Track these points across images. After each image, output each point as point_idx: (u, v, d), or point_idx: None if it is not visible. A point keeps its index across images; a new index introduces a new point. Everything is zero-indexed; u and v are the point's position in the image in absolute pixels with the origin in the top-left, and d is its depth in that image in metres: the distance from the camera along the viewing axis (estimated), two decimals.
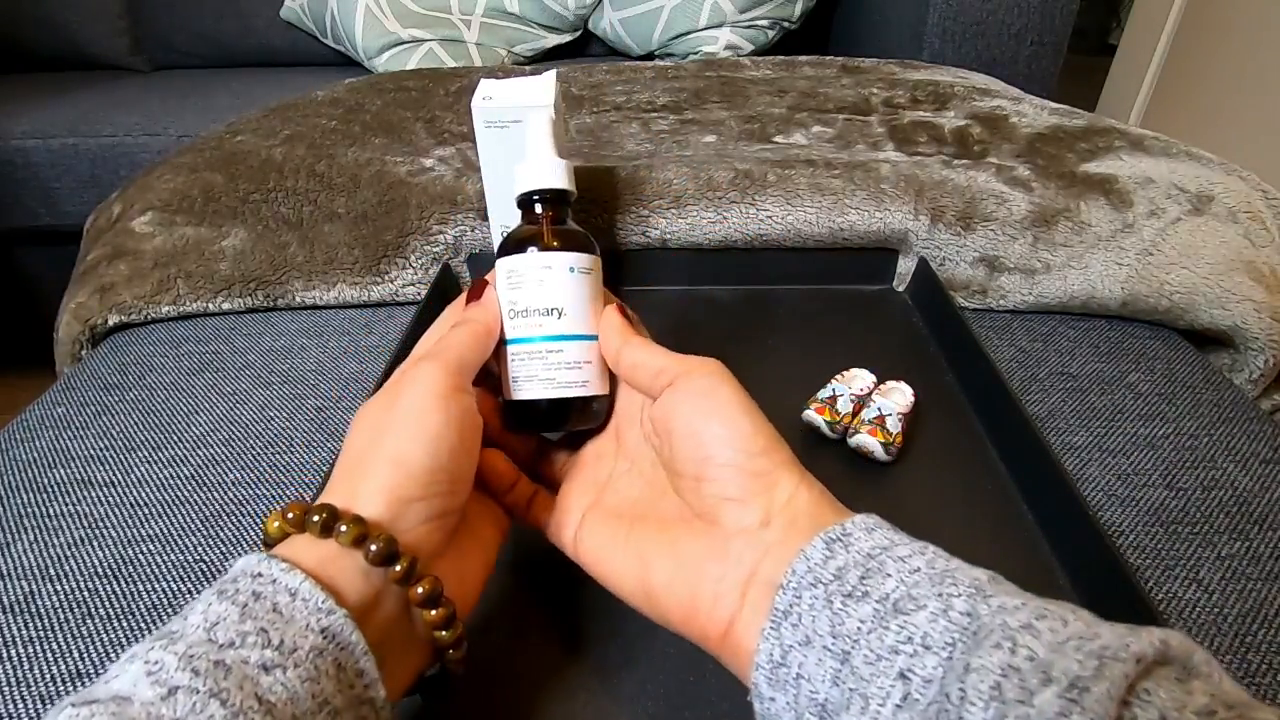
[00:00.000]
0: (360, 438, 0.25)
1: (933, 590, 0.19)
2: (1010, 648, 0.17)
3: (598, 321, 0.29)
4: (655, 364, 0.27)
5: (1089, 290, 0.50)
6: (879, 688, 0.18)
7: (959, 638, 0.18)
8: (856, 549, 0.21)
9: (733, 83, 0.81)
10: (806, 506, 0.23)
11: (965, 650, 0.18)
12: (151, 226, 0.56)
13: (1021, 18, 1.01)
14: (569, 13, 1.29)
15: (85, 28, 1.34)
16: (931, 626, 0.18)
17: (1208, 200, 0.51)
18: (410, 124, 0.69)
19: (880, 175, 0.54)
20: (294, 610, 0.20)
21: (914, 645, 0.18)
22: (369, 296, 0.55)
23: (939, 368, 0.47)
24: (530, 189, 0.30)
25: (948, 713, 0.17)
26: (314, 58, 1.39)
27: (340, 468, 0.25)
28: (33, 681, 0.30)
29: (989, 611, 0.18)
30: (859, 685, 0.19)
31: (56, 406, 0.46)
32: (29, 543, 0.36)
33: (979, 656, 0.17)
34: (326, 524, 0.22)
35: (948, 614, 0.18)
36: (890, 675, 0.18)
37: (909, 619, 0.19)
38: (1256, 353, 0.49)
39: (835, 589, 0.20)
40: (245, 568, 0.21)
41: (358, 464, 0.24)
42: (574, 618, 0.31)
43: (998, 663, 0.17)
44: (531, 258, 0.28)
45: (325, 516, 0.22)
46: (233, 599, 0.19)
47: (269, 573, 0.20)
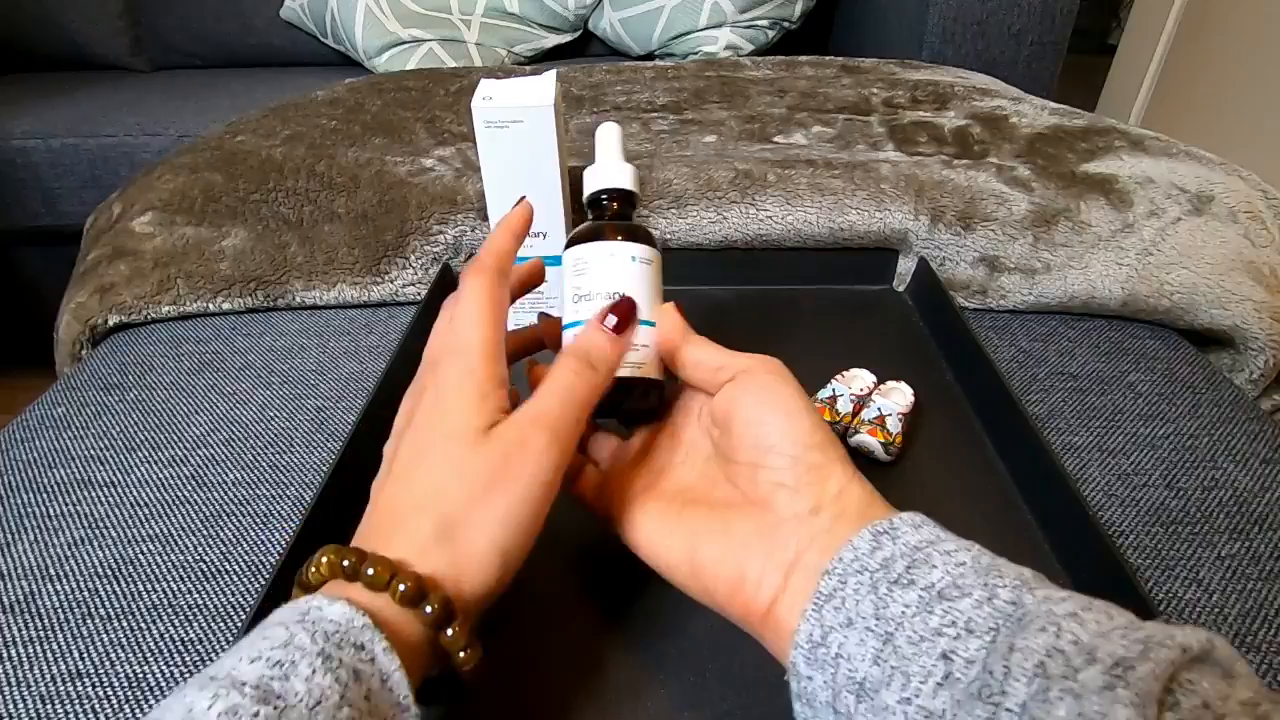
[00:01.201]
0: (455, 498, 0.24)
1: (978, 580, 0.20)
2: (1055, 632, 0.17)
3: (655, 312, 0.30)
4: (716, 360, 0.28)
5: (1089, 290, 0.50)
6: (920, 666, 0.19)
7: (1003, 623, 0.18)
8: (903, 541, 0.22)
9: (733, 83, 0.81)
10: (856, 501, 0.24)
11: (1009, 634, 0.18)
12: (151, 226, 0.56)
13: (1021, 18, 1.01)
14: (569, 13, 1.29)
15: (85, 28, 1.34)
16: (976, 612, 0.19)
17: (1208, 200, 0.51)
18: (410, 124, 0.69)
19: (880, 175, 0.54)
20: (380, 698, 0.20)
21: (957, 629, 0.19)
22: (369, 296, 0.55)
23: (939, 368, 0.47)
24: (598, 189, 0.33)
25: (989, 687, 0.17)
26: (314, 58, 1.39)
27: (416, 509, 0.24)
28: (33, 681, 0.30)
29: (1034, 601, 0.18)
30: (900, 664, 0.19)
31: (56, 406, 0.46)
32: (29, 543, 0.36)
33: (1024, 638, 0.17)
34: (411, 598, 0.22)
35: (992, 601, 0.19)
36: (933, 655, 0.19)
37: (953, 604, 0.19)
38: (1256, 353, 0.49)
39: (881, 576, 0.21)
40: (349, 633, 0.20)
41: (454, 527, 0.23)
42: (573, 619, 0.31)
43: (1042, 644, 0.17)
44: (597, 246, 0.31)
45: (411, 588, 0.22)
46: (335, 675, 0.19)
47: (371, 647, 0.20)
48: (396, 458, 0.26)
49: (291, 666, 0.19)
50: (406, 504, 0.24)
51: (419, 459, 0.25)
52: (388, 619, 0.21)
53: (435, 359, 0.28)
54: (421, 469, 0.25)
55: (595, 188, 0.33)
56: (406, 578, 0.22)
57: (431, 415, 0.26)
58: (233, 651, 0.20)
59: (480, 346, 0.26)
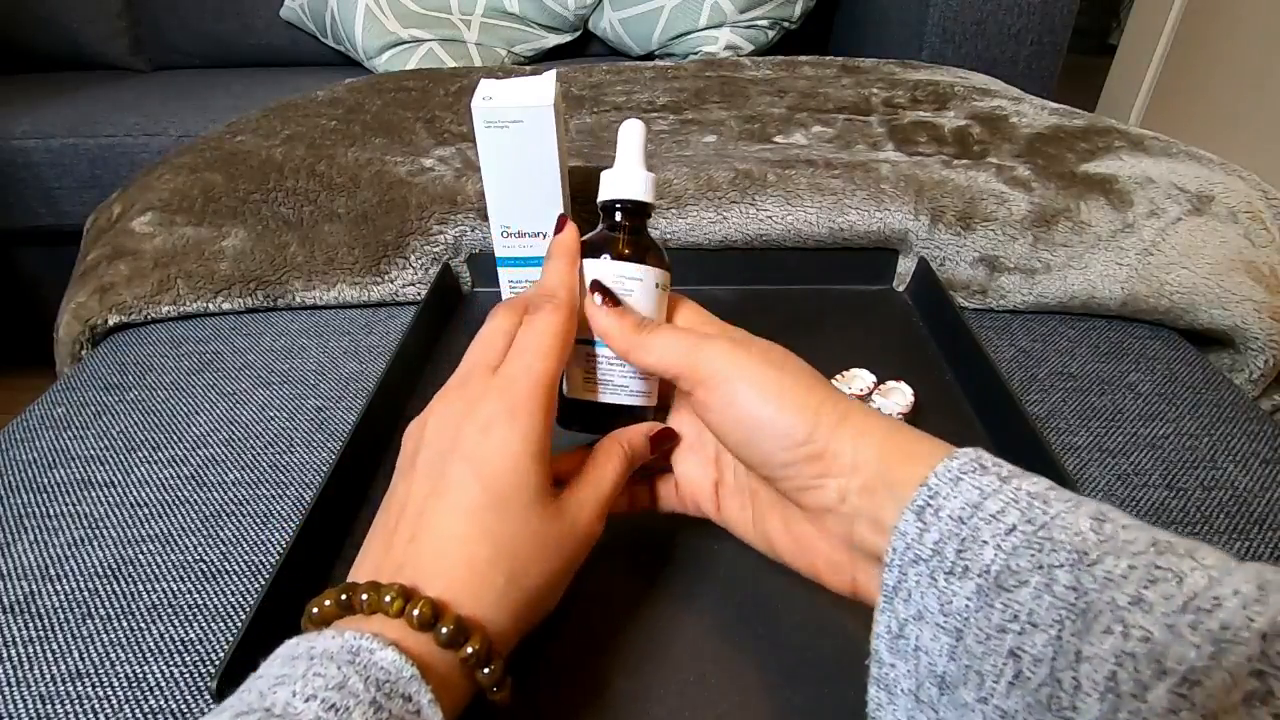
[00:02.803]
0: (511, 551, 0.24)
1: (1032, 563, 0.19)
2: (1122, 631, 0.16)
3: None
4: (667, 372, 0.27)
5: (1089, 290, 0.50)
6: (992, 665, 0.18)
7: (1066, 615, 0.18)
8: (947, 514, 0.20)
9: (733, 83, 0.81)
10: (872, 466, 0.23)
11: (1075, 632, 0.17)
12: (151, 226, 0.56)
13: (1021, 18, 1.01)
14: (569, 13, 1.29)
15: (85, 28, 1.34)
16: (1036, 604, 0.18)
17: (1208, 200, 0.51)
18: (410, 124, 0.69)
19: (880, 175, 0.54)
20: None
21: (1020, 623, 0.18)
22: (369, 296, 0.55)
23: (939, 368, 0.47)
24: (615, 198, 0.31)
25: (1059, 700, 0.17)
26: (314, 58, 1.39)
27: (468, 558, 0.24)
28: (33, 681, 0.30)
29: (1096, 587, 0.17)
30: (973, 663, 0.19)
31: (56, 406, 0.46)
32: (29, 543, 0.36)
33: (1090, 644, 0.17)
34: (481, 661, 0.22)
35: (1051, 589, 0.18)
36: (1001, 654, 0.18)
37: (1013, 596, 0.18)
38: (1256, 353, 0.49)
39: (936, 565, 0.20)
40: (399, 684, 0.20)
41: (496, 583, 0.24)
42: (572, 620, 0.31)
43: (1110, 649, 0.16)
44: (632, 269, 0.30)
45: (453, 631, 0.22)
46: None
47: (418, 699, 0.20)
48: (449, 484, 0.24)
49: (346, 713, 0.19)
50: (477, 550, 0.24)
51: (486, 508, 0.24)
52: (435, 669, 0.21)
53: (483, 372, 0.27)
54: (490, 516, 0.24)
55: (612, 196, 0.31)
56: (477, 641, 0.22)
57: (488, 460, 0.25)
58: (283, 681, 0.19)
59: (539, 383, 0.26)
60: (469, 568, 0.23)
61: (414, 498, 0.25)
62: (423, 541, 0.24)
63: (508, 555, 0.24)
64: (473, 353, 0.28)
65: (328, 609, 0.23)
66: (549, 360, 0.26)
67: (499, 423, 0.25)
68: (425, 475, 0.25)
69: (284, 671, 0.20)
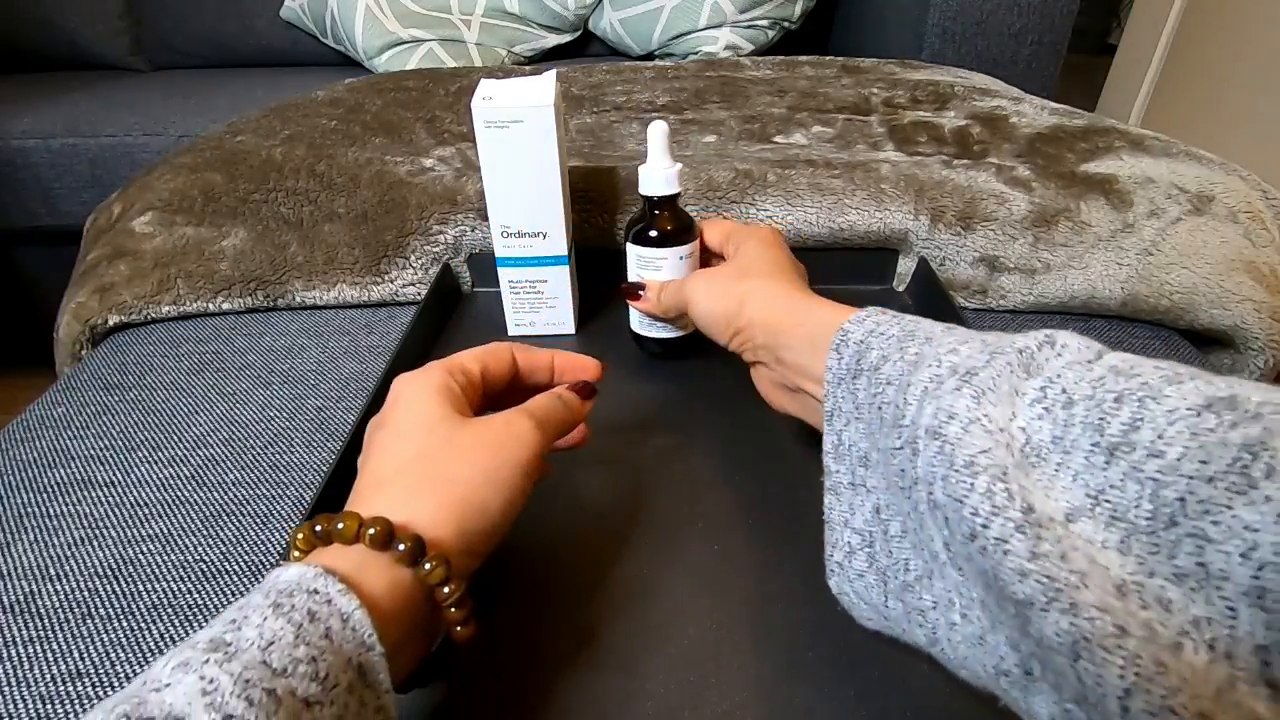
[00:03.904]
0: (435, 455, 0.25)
1: (897, 348, 0.26)
2: (935, 365, 0.23)
3: None
4: (674, 311, 0.43)
5: (1089, 290, 0.50)
6: (873, 423, 0.25)
7: (907, 369, 0.24)
8: (853, 340, 0.27)
9: (733, 83, 0.81)
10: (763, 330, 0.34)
11: (909, 378, 0.24)
12: (151, 226, 0.56)
13: (1021, 18, 1.01)
14: (569, 13, 1.29)
15: (85, 28, 1.34)
16: (892, 370, 0.25)
17: (1208, 200, 0.51)
18: (410, 124, 0.69)
19: (880, 175, 0.54)
20: (342, 639, 0.20)
21: (881, 385, 0.25)
22: (369, 296, 0.55)
23: None
24: (656, 194, 0.42)
25: (900, 422, 0.23)
26: (314, 58, 1.39)
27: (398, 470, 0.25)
28: (33, 681, 0.30)
29: (930, 350, 0.24)
30: (870, 431, 0.26)
31: (56, 406, 0.46)
32: (29, 543, 0.36)
33: (916, 379, 0.23)
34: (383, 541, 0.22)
35: (903, 357, 0.25)
36: (874, 413, 0.25)
37: (880, 371, 0.25)
38: (1256, 353, 0.49)
39: (848, 378, 0.27)
40: (302, 582, 0.21)
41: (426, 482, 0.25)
42: (573, 618, 0.31)
43: (927, 375, 0.23)
44: (657, 251, 0.43)
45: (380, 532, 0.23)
46: (288, 617, 0.19)
47: (326, 590, 0.20)
48: (367, 449, 0.27)
49: (244, 619, 0.19)
50: (385, 471, 0.25)
51: (393, 438, 0.26)
52: (349, 569, 0.22)
53: None
54: (398, 442, 0.26)
55: (642, 192, 0.42)
56: (375, 523, 0.22)
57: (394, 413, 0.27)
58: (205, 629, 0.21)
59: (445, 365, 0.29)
60: (376, 484, 0.25)
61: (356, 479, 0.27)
62: (354, 494, 0.26)
63: (414, 458, 0.25)
64: None
65: None
66: (465, 355, 0.30)
67: (400, 389, 0.28)
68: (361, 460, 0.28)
69: None
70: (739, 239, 0.41)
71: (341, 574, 0.21)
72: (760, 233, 0.40)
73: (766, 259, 0.38)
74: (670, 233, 0.43)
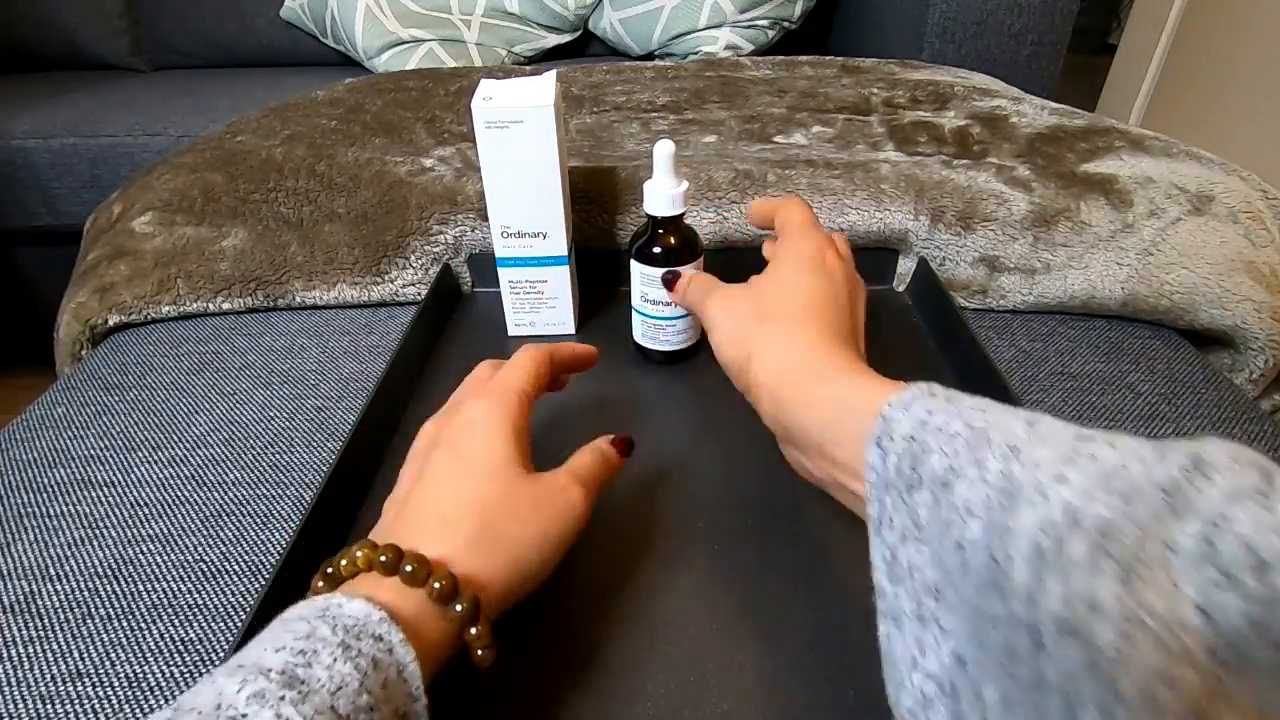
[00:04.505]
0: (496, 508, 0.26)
1: (970, 459, 0.19)
2: (1043, 503, 0.17)
3: None
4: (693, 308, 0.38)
5: (1089, 290, 0.50)
6: (951, 561, 0.19)
7: (996, 498, 0.18)
8: (900, 435, 0.22)
9: (733, 83, 0.81)
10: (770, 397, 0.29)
11: (1003, 511, 0.18)
12: (151, 226, 0.56)
13: (1021, 18, 1.01)
14: (569, 13, 1.29)
15: (85, 28, 1.34)
16: (971, 493, 0.19)
17: (1208, 200, 0.51)
18: (410, 124, 0.69)
19: (880, 175, 0.54)
20: (395, 688, 0.21)
21: (960, 514, 0.19)
22: (369, 296, 0.55)
23: (939, 368, 0.47)
24: (661, 214, 0.42)
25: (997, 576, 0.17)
26: (314, 58, 1.39)
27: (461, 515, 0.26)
28: (33, 681, 0.30)
29: (1022, 471, 0.18)
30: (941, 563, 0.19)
31: (56, 406, 0.46)
32: (29, 543, 0.36)
33: (1015, 518, 0.17)
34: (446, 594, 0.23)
35: (984, 478, 0.19)
36: (951, 547, 0.19)
37: (954, 492, 0.19)
38: (1256, 353, 0.49)
39: (900, 485, 0.21)
40: (368, 625, 0.21)
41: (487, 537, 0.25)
42: (573, 618, 0.31)
43: (1033, 520, 0.17)
44: (661, 270, 0.42)
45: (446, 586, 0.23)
46: (355, 662, 0.20)
47: (389, 639, 0.21)
48: (432, 466, 0.27)
49: (314, 655, 0.20)
50: (450, 508, 0.26)
51: (462, 475, 0.27)
52: (410, 615, 0.23)
53: (468, 395, 0.31)
54: (466, 481, 0.27)
55: (646, 211, 0.42)
56: (442, 575, 0.23)
57: (467, 441, 0.28)
58: (256, 643, 0.21)
59: (518, 391, 0.30)
60: (439, 519, 0.26)
61: (402, 486, 0.29)
62: (406, 513, 0.26)
63: (478, 504, 0.26)
64: (461, 387, 0.33)
65: (318, 588, 0.24)
66: (525, 374, 0.31)
67: (476, 415, 0.29)
68: (414, 467, 0.29)
69: (259, 637, 0.21)
70: (780, 246, 0.34)
71: (403, 620, 0.22)
72: (803, 247, 0.33)
73: (799, 291, 0.31)
74: (674, 250, 0.43)
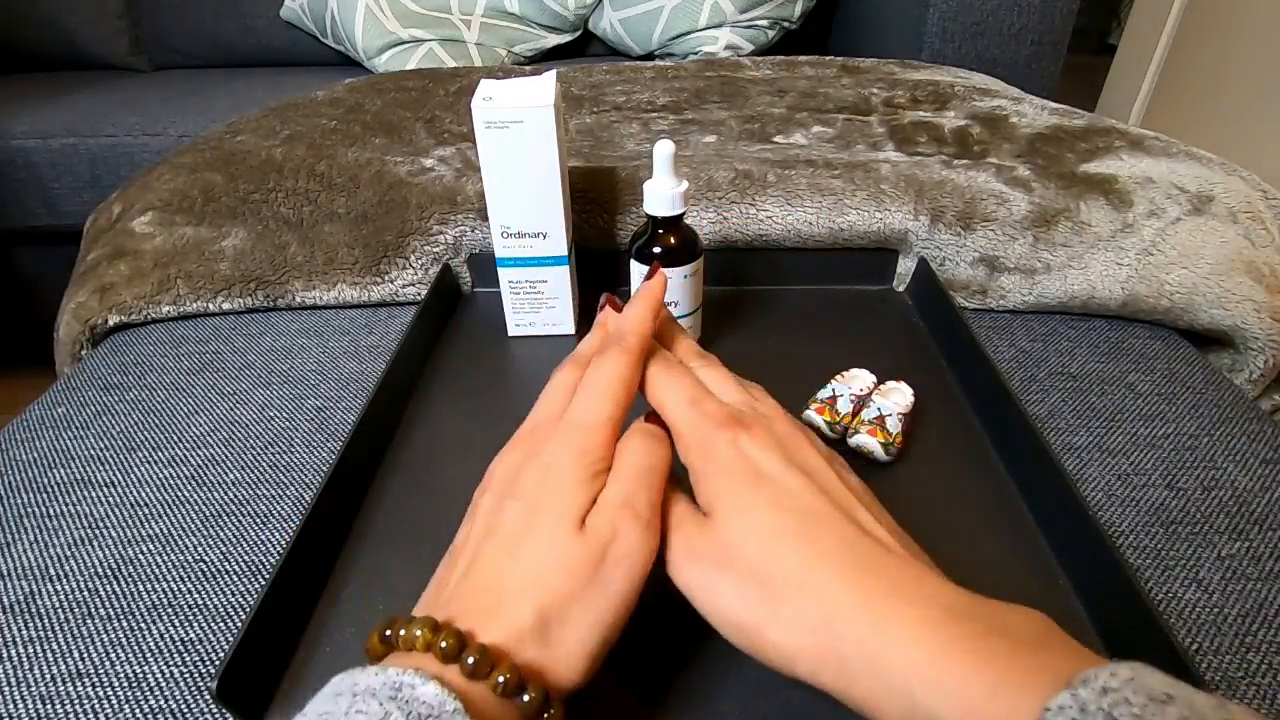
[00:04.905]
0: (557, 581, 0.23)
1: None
2: None
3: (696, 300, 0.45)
4: None
5: (1089, 290, 0.50)
6: None
7: None
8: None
9: (733, 83, 0.81)
10: None
11: None
12: (151, 226, 0.56)
13: (1021, 18, 1.01)
14: (569, 13, 1.29)
15: (85, 28, 1.34)
16: None
17: (1208, 200, 0.51)
18: (410, 124, 0.69)
19: (880, 175, 0.54)
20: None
21: None
22: (369, 296, 0.55)
23: (939, 368, 0.47)
24: (660, 214, 0.42)
25: None
26: (314, 58, 1.39)
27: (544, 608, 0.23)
28: (33, 681, 0.30)
29: None
30: None
31: (56, 406, 0.46)
32: (29, 543, 0.36)
33: None
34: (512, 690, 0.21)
35: None
36: None
37: None
38: (1256, 353, 0.49)
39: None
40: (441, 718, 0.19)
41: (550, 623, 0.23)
42: None
43: None
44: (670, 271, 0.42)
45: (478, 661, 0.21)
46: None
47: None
48: (502, 521, 0.25)
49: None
50: (509, 584, 0.23)
51: (525, 533, 0.24)
52: (479, 704, 0.21)
53: (550, 421, 0.28)
54: (527, 548, 0.24)
55: (646, 211, 0.42)
56: (506, 670, 0.21)
57: (542, 487, 0.25)
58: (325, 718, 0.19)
59: (603, 426, 0.26)
60: (499, 597, 0.23)
61: (472, 539, 0.26)
62: (472, 577, 0.24)
63: (535, 585, 0.23)
64: (539, 406, 0.29)
65: (375, 644, 0.23)
66: (611, 403, 0.27)
67: (557, 464, 0.26)
68: (485, 517, 0.26)
69: (326, 709, 0.20)
70: (691, 463, 0.27)
71: (475, 710, 0.20)
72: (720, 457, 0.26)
73: (775, 535, 0.24)
74: (674, 251, 0.43)
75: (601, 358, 0.28)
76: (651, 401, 0.29)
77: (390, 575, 0.34)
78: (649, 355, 0.30)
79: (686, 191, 0.41)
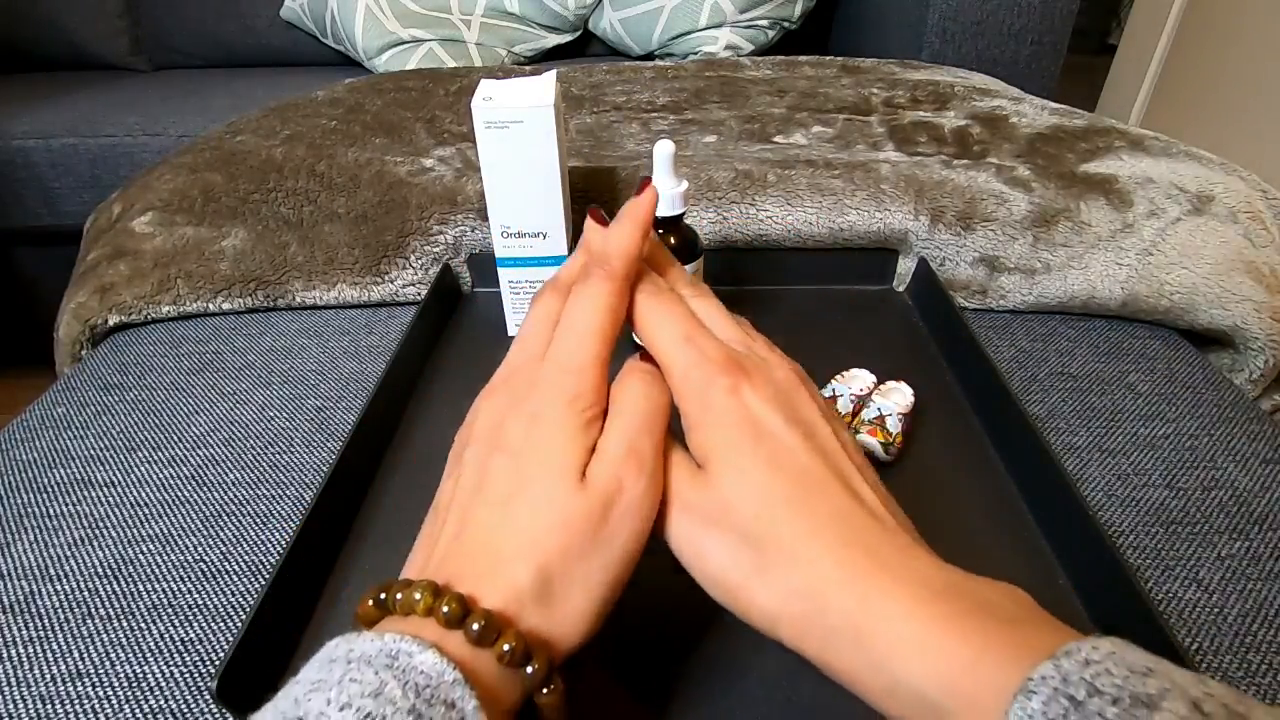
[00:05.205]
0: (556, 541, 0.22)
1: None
2: None
3: None
4: None
5: (1089, 290, 0.50)
6: None
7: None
8: None
9: (733, 83, 0.81)
10: None
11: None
12: (151, 226, 0.56)
13: (1021, 18, 1.01)
14: (569, 13, 1.29)
15: (85, 28, 1.34)
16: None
17: (1208, 200, 0.51)
18: (410, 124, 0.69)
19: (880, 175, 0.54)
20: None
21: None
22: (369, 296, 0.55)
23: (939, 368, 0.47)
24: (663, 214, 0.41)
25: None
26: (314, 58, 1.39)
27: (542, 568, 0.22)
28: (33, 681, 0.30)
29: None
30: None
31: (56, 406, 0.46)
32: (29, 543, 0.36)
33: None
34: (518, 659, 0.20)
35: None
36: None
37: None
38: (1256, 353, 0.49)
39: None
40: (440, 689, 0.19)
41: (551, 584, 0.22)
42: None
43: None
44: None
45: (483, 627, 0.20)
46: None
47: (462, 706, 0.19)
48: (491, 477, 0.24)
49: (390, 702, 0.18)
50: (506, 545, 0.22)
51: (519, 491, 0.23)
52: (480, 673, 0.20)
53: (533, 362, 0.26)
54: (522, 505, 0.23)
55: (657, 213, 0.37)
56: (512, 638, 0.20)
57: (532, 439, 0.24)
58: (319, 687, 0.18)
59: (590, 368, 0.24)
60: (495, 559, 0.22)
61: (460, 494, 0.24)
62: (464, 538, 0.23)
63: (533, 546, 0.22)
64: (519, 342, 0.27)
65: (368, 609, 0.22)
66: (597, 341, 0.25)
67: (546, 413, 0.24)
68: (471, 472, 0.24)
69: (320, 676, 0.19)
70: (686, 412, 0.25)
71: (475, 679, 0.19)
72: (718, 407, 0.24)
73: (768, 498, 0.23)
74: (674, 251, 0.42)
75: (584, 285, 0.26)
76: (641, 335, 0.27)
77: (390, 575, 0.34)
78: (637, 280, 0.27)
79: (687, 191, 0.41)
